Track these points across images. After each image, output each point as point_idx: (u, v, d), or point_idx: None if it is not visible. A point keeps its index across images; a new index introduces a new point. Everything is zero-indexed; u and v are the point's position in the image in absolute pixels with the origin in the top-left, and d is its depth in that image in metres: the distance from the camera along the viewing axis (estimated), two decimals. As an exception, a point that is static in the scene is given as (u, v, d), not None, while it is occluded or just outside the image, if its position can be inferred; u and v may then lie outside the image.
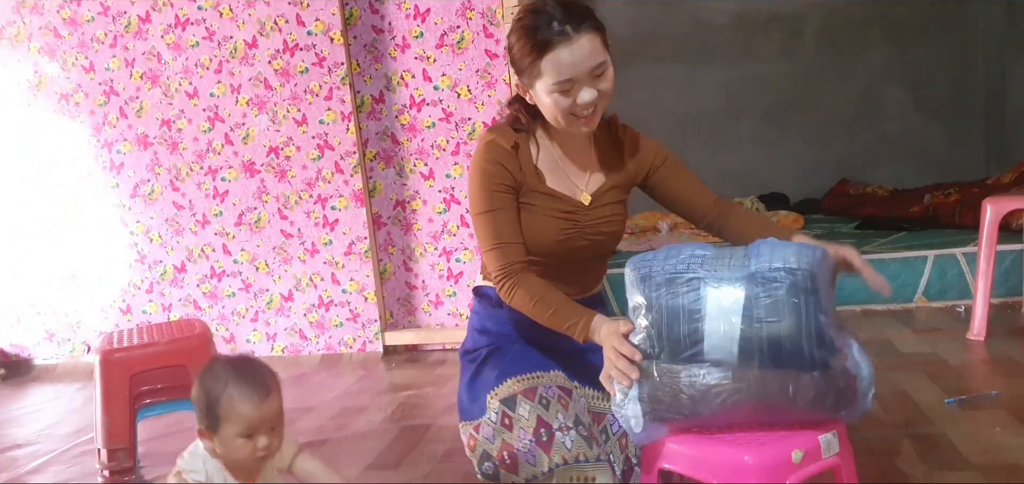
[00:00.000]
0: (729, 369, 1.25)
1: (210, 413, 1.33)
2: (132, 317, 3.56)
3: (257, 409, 1.32)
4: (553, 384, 1.51)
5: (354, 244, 3.27)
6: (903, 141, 5.04)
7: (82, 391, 3.19)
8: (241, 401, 1.32)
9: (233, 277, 3.43)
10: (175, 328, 2.27)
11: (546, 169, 1.56)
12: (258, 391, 1.33)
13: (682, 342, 1.27)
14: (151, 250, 3.49)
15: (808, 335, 1.22)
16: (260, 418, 1.33)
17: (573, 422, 1.45)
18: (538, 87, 1.46)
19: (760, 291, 1.24)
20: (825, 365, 1.23)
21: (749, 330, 1.23)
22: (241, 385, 1.33)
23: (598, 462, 1.44)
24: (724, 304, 1.25)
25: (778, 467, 1.25)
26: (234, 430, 1.32)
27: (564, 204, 1.56)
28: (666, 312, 1.28)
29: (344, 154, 3.22)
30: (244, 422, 1.32)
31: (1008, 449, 1.74)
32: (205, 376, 1.36)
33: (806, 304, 1.23)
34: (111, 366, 2.07)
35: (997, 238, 2.65)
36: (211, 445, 1.35)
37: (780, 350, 1.23)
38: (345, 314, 3.33)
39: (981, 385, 2.20)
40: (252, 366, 1.37)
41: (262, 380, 1.35)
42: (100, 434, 2.06)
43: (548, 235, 1.55)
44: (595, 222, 1.58)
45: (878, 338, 2.78)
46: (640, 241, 4.05)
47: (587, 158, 1.60)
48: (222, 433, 1.33)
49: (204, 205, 3.40)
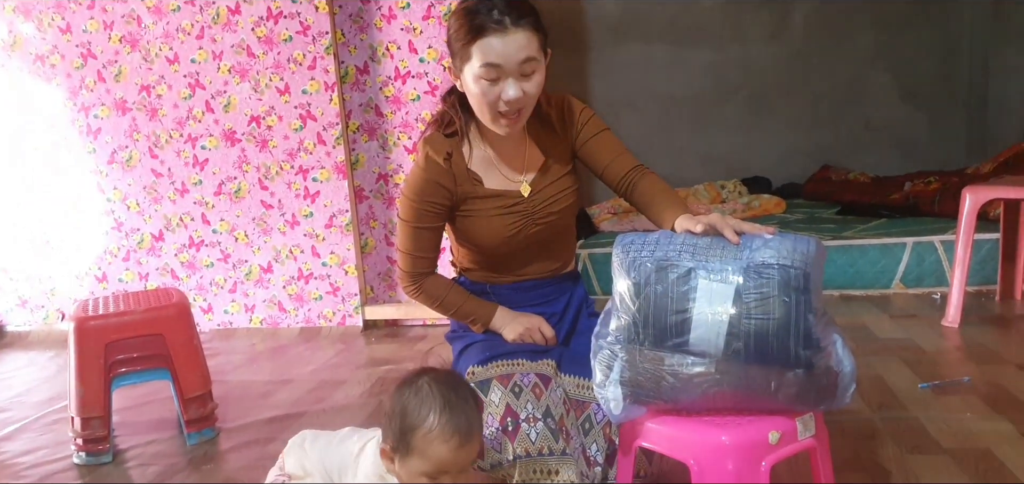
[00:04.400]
0: (713, 360, 1.25)
1: (402, 439, 1.17)
2: (108, 285, 3.51)
3: (454, 453, 1.16)
4: (532, 372, 1.50)
5: (335, 217, 3.24)
6: (886, 129, 5.08)
7: (55, 359, 3.15)
8: (441, 442, 1.15)
9: (212, 247, 3.39)
10: (152, 297, 2.23)
11: (481, 170, 1.58)
12: (462, 432, 1.17)
13: (669, 330, 1.26)
14: (128, 218, 3.44)
15: (796, 334, 1.21)
16: (455, 463, 1.17)
17: (542, 413, 1.45)
18: (467, 72, 1.46)
19: (751, 285, 1.22)
20: (809, 364, 1.22)
21: (737, 324, 1.22)
22: (445, 421, 1.15)
23: (563, 456, 1.44)
24: (714, 295, 1.24)
25: (755, 448, 1.26)
26: (421, 467, 1.16)
27: (505, 200, 1.58)
28: (654, 299, 1.26)
29: (327, 125, 3.18)
30: (437, 465, 1.16)
31: (978, 434, 1.77)
32: (408, 393, 1.19)
33: (797, 302, 1.21)
34: (86, 334, 2.04)
35: (975, 227, 2.68)
36: (390, 469, 1.21)
37: (766, 346, 1.21)
38: (325, 287, 3.31)
39: (954, 371, 2.23)
40: (463, 397, 1.20)
41: (469, 419, 1.18)
42: (74, 402, 2.04)
43: (497, 233, 1.58)
44: (543, 205, 1.60)
45: (855, 323, 2.81)
46: (623, 222, 4.05)
47: (520, 147, 1.60)
48: (409, 465, 1.18)
49: (183, 173, 3.35)
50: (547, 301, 1.67)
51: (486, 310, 1.63)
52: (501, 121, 1.48)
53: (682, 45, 5.17)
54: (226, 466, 1.96)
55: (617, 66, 5.18)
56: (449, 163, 1.55)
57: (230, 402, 2.42)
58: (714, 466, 1.26)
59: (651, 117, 5.20)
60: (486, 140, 1.59)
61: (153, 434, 2.21)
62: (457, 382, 1.24)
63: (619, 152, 1.61)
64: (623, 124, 4.89)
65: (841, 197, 4.35)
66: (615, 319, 1.33)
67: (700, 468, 1.27)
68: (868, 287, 3.25)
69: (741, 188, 4.62)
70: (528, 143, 1.61)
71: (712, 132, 5.25)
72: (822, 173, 4.85)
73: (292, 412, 2.31)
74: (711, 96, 5.23)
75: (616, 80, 5.17)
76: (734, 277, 1.24)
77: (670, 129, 5.24)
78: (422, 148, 1.58)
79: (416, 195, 1.56)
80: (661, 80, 5.19)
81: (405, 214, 1.59)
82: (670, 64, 5.18)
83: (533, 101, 1.50)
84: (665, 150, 5.23)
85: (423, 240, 1.59)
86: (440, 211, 1.58)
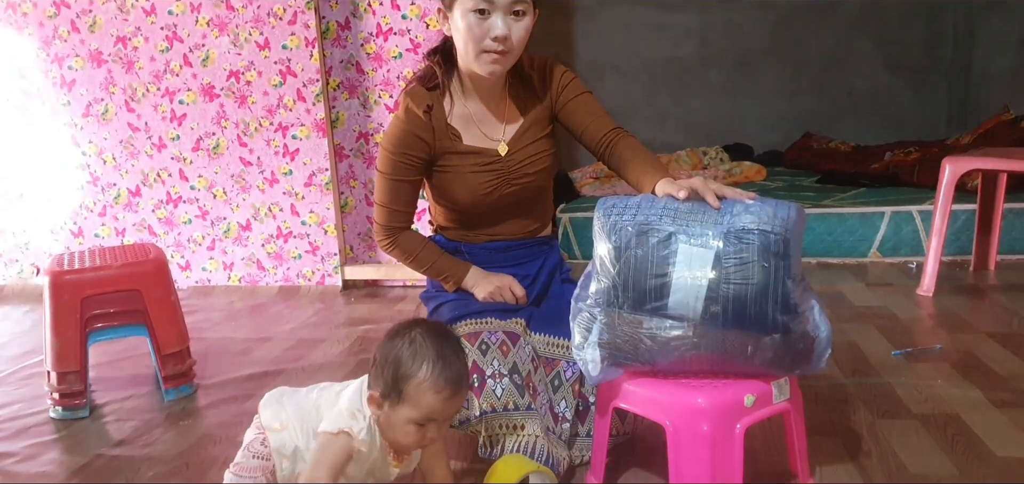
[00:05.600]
0: (691, 324, 1.25)
1: (394, 386, 1.20)
2: (84, 240, 3.46)
3: (445, 404, 1.20)
4: (500, 330, 1.51)
5: (315, 175, 3.21)
6: (869, 98, 5.10)
7: (31, 313, 3.11)
8: (433, 392, 1.18)
9: (190, 204, 3.34)
10: (129, 252, 2.20)
11: (461, 126, 1.59)
12: (454, 384, 1.20)
13: (648, 294, 1.26)
14: (104, 172, 3.38)
15: (774, 299, 1.22)
16: (443, 411, 1.21)
17: (508, 370, 1.46)
18: (456, 10, 1.47)
19: (731, 250, 1.23)
20: (786, 329, 1.24)
21: (716, 288, 1.23)
22: (439, 373, 1.18)
23: (528, 411, 1.46)
24: (694, 260, 1.24)
25: (730, 410, 1.27)
26: (411, 414, 1.20)
27: (482, 158, 1.59)
28: (634, 263, 1.27)
29: (307, 82, 3.12)
30: (426, 412, 1.19)
31: (947, 400, 1.81)
32: (402, 343, 1.21)
33: (776, 268, 1.22)
34: (61, 288, 2.01)
35: (953, 198, 2.71)
36: (378, 413, 1.23)
37: (744, 311, 1.23)
38: (304, 246, 3.28)
39: (927, 339, 2.27)
40: (454, 349, 1.22)
41: (460, 372, 1.21)
42: (49, 357, 2.01)
43: (473, 190, 1.58)
44: (518, 166, 1.60)
45: (832, 290, 2.85)
46: (604, 186, 4.05)
47: (501, 106, 1.61)
48: (397, 411, 1.20)
49: (160, 128, 3.29)
50: (521, 263, 1.68)
51: (459, 269, 1.64)
52: (484, 58, 1.48)
53: (667, 8, 5.13)
54: (204, 422, 1.95)
55: (602, 29, 5.14)
56: (429, 116, 1.56)
57: (208, 359, 2.41)
58: (689, 427, 1.27)
59: (635, 81, 5.18)
60: (467, 96, 1.60)
61: (130, 390, 2.20)
62: (448, 334, 1.26)
63: (598, 115, 1.60)
64: (607, 88, 4.87)
65: (822, 166, 4.37)
66: (595, 282, 1.33)
67: (675, 429, 1.29)
68: (846, 255, 3.28)
69: (723, 155, 4.63)
70: (508, 103, 1.61)
71: (695, 98, 5.24)
72: (803, 141, 4.87)
73: (271, 370, 2.31)
74: (695, 60, 5.21)
75: (601, 43, 5.13)
76: (714, 242, 1.24)
77: (654, 93, 5.23)
78: (403, 100, 1.59)
79: (394, 147, 1.57)
80: (646, 43, 5.16)
81: (383, 166, 1.59)
82: (656, 27, 5.15)
83: (519, 47, 1.50)
84: (648, 116, 5.23)
85: (400, 193, 1.60)
86: (418, 164, 1.58)
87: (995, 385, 1.88)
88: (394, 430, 1.23)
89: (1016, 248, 3.16)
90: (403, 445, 1.25)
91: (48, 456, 1.80)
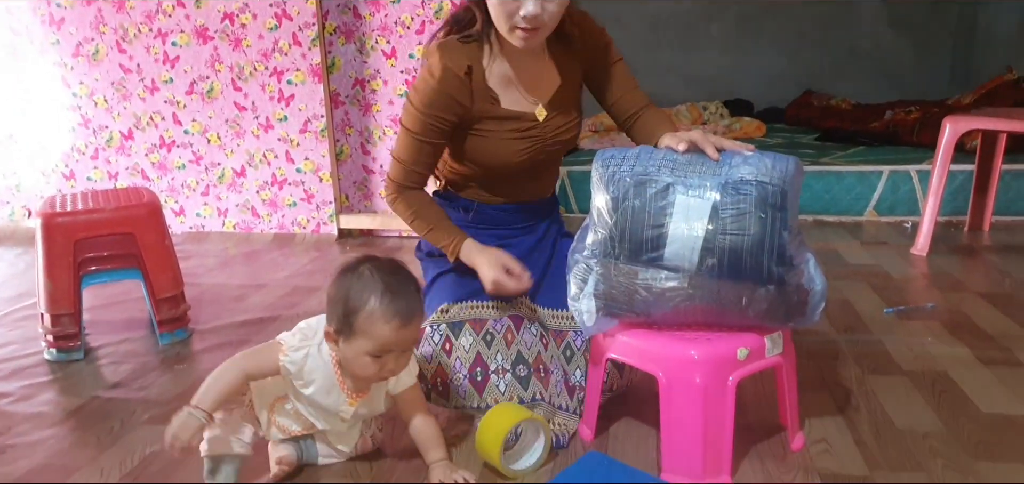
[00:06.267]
0: (687, 275, 1.25)
1: (345, 321, 1.23)
2: (76, 184, 3.43)
3: (396, 333, 1.22)
4: (504, 315, 1.49)
5: (310, 122, 3.17)
6: (871, 56, 5.05)
7: (23, 256, 3.10)
8: (383, 322, 1.21)
9: (183, 148, 3.31)
10: (122, 195, 2.18)
11: (499, 87, 1.49)
12: (403, 314, 1.22)
13: (644, 245, 1.26)
14: (96, 114, 3.33)
15: (770, 251, 1.22)
16: (397, 342, 1.23)
17: (511, 363, 1.46)
18: None
19: (729, 201, 1.22)
20: (781, 281, 1.24)
21: (712, 240, 1.22)
22: (387, 304, 1.21)
23: (533, 402, 1.46)
24: (691, 211, 1.24)
25: (723, 363, 1.28)
26: (365, 347, 1.22)
27: (521, 123, 1.50)
28: (632, 214, 1.26)
29: (303, 25, 3.07)
30: (379, 343, 1.22)
31: (937, 358, 1.82)
32: (350, 278, 1.24)
33: (772, 220, 1.21)
34: (53, 230, 1.99)
35: (952, 157, 2.69)
36: (335, 349, 1.27)
37: (740, 263, 1.22)
38: (299, 194, 3.27)
39: (919, 298, 2.28)
40: (402, 281, 1.25)
41: (409, 301, 1.23)
42: (43, 299, 2.01)
43: (508, 156, 1.51)
44: (554, 133, 1.55)
45: (827, 248, 2.85)
46: (603, 139, 4.02)
47: (540, 65, 1.52)
48: (353, 346, 1.23)
49: (153, 70, 3.24)
50: (528, 223, 1.64)
51: (455, 239, 1.53)
52: (516, 33, 1.38)
53: (671, -41, 5.04)
54: (199, 366, 1.96)
55: (604, -21, 5.04)
56: (469, 77, 1.44)
57: (203, 304, 2.41)
58: (682, 379, 1.28)
59: (638, 35, 5.10)
60: (505, 53, 1.48)
61: (125, 333, 2.20)
62: (396, 268, 1.27)
63: (632, 87, 1.57)
64: (608, 39, 4.80)
65: (822, 123, 4.35)
66: (592, 233, 1.33)
67: (668, 380, 1.30)
68: (842, 213, 3.28)
69: (723, 110, 4.59)
70: (548, 62, 1.53)
71: (697, 52, 5.18)
72: (804, 98, 4.83)
73: (265, 316, 2.31)
74: (697, 15, 5.14)
75: (603, -6, 5.04)
76: (712, 193, 1.24)
77: (656, 47, 5.16)
78: (437, 55, 1.44)
79: (426, 106, 1.45)
80: (649, -4, 5.08)
81: (410, 122, 1.48)
82: (659, -22, 5.06)
83: (554, 21, 1.40)
84: (649, 69, 5.14)
85: (423, 154, 1.49)
86: (447, 128, 1.47)
87: (984, 343, 1.90)
88: (352, 365, 1.25)
89: (1012, 209, 3.16)
90: (363, 378, 1.28)
91: (44, 397, 1.81)
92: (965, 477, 1.32)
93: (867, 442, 1.44)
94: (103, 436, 1.59)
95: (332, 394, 1.31)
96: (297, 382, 1.30)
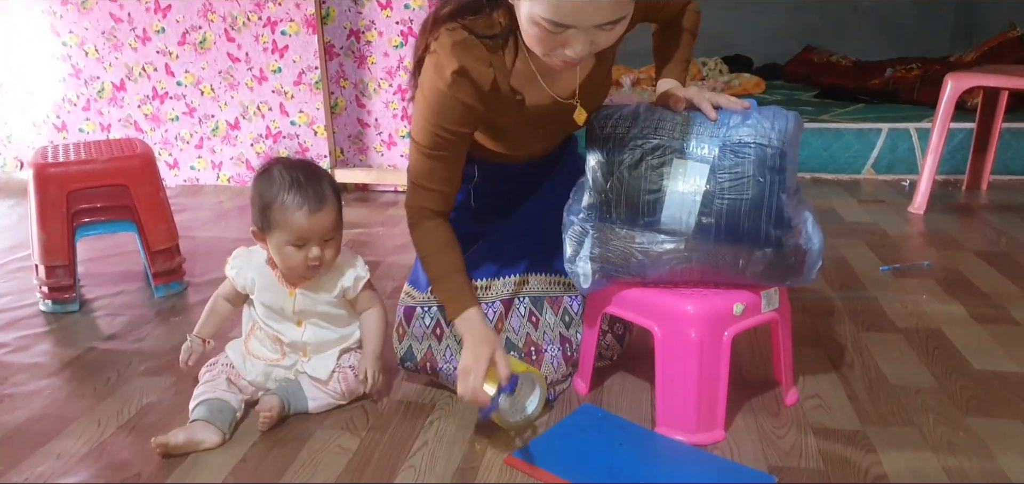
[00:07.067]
0: (683, 238, 1.24)
1: (263, 216, 1.35)
2: (68, 135, 3.39)
3: (308, 220, 1.32)
4: (498, 299, 1.45)
5: (304, 74, 3.13)
6: (873, 12, 4.98)
7: (16, 208, 3.07)
8: (293, 210, 1.32)
9: (177, 100, 3.27)
10: (115, 147, 2.16)
11: (524, 84, 1.29)
12: (310, 202, 1.32)
13: (641, 209, 1.25)
14: (87, 64, 3.28)
15: (767, 214, 1.20)
16: (311, 229, 1.33)
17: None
18: (523, 7, 1.12)
19: (727, 163, 1.20)
20: (779, 243, 1.22)
21: (709, 202, 1.21)
22: (295, 194, 1.32)
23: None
24: (688, 173, 1.22)
25: (719, 318, 1.28)
26: (285, 238, 1.34)
27: (550, 111, 1.33)
28: (628, 177, 1.25)
29: (296, -25, 3.01)
30: (295, 231, 1.33)
31: (931, 315, 1.83)
32: (261, 178, 1.36)
33: (771, 182, 1.20)
34: (46, 181, 1.97)
35: (952, 115, 2.68)
36: (265, 248, 1.40)
37: (737, 225, 1.21)
38: (293, 147, 3.24)
39: (915, 255, 2.29)
40: (309, 174, 1.35)
41: (317, 190, 1.33)
42: (37, 250, 2.00)
43: (529, 144, 1.42)
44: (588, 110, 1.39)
45: (824, 205, 2.85)
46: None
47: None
48: (274, 239, 1.35)
49: (144, 19, 3.18)
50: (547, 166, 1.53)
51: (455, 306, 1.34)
52: (553, 62, 1.17)
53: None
54: (194, 319, 1.93)
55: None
56: (495, 88, 1.24)
57: (198, 257, 2.40)
58: (677, 334, 1.28)
59: (636, -13, 5.01)
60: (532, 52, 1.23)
61: (120, 285, 2.20)
62: (306, 165, 1.37)
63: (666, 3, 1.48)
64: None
65: (821, 80, 4.31)
66: (587, 195, 1.31)
67: (664, 336, 1.30)
68: (840, 171, 3.27)
69: (722, 66, 4.54)
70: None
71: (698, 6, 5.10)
72: (804, 54, 4.78)
73: (261, 269, 2.30)
74: (698, -32, 5.04)
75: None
76: (709, 155, 1.22)
77: (655, 1, 5.07)
78: (450, 56, 1.20)
79: (435, 115, 1.24)
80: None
81: (418, 134, 1.28)
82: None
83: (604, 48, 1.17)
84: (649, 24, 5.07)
85: (436, 172, 1.30)
86: (464, 136, 1.28)
87: (978, 301, 1.91)
88: (280, 257, 1.37)
89: (1010, 168, 3.15)
90: (292, 268, 1.37)
91: (40, 348, 1.81)
92: (955, 431, 1.33)
93: (860, 397, 1.45)
94: (100, 386, 1.59)
95: (272, 290, 1.42)
96: (239, 284, 1.44)
